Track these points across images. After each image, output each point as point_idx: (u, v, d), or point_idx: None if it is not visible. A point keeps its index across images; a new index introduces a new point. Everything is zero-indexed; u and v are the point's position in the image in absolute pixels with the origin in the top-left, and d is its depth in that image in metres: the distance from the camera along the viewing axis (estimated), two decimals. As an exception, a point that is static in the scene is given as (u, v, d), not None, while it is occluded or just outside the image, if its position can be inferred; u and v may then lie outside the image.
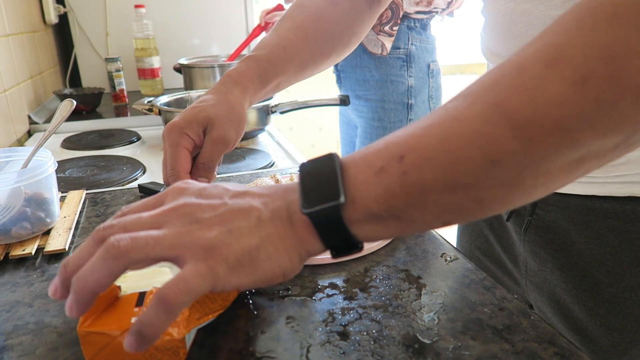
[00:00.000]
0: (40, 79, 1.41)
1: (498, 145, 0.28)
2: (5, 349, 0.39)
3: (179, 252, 0.31)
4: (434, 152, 0.29)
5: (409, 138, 0.31)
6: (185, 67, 1.47)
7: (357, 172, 0.32)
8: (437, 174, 0.29)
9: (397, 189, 0.30)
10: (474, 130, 0.28)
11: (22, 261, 0.53)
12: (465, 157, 0.28)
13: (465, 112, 0.29)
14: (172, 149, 0.51)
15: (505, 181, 0.29)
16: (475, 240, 0.73)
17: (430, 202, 0.30)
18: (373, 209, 0.31)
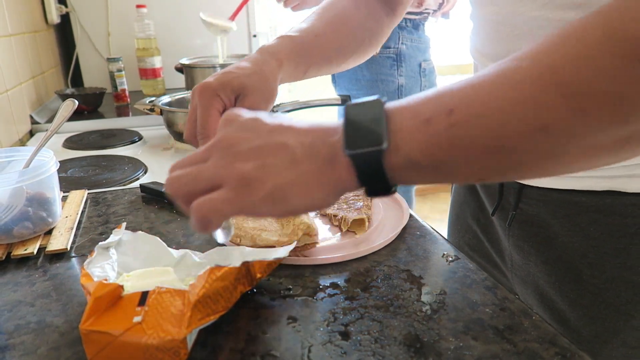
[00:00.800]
0: (42, 78, 1.42)
1: (549, 111, 0.28)
2: (7, 348, 0.39)
3: (217, 182, 0.34)
4: (484, 110, 0.29)
5: (461, 92, 0.31)
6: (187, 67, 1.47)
7: (402, 120, 0.32)
8: (484, 132, 0.29)
9: (443, 142, 0.30)
10: (527, 94, 0.28)
11: (24, 261, 0.53)
12: (514, 119, 0.29)
13: (521, 74, 0.29)
14: (204, 110, 0.51)
15: (549, 149, 0.29)
16: (464, 236, 0.74)
17: (472, 158, 0.30)
18: (414, 157, 0.31)
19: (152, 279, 0.42)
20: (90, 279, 0.40)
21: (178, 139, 1.09)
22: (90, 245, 0.56)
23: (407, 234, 0.57)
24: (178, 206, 0.38)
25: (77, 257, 0.54)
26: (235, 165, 0.34)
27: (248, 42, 1.81)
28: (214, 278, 0.39)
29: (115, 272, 0.44)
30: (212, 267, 0.39)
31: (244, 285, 0.43)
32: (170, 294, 0.38)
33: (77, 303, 0.45)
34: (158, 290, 0.38)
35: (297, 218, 0.53)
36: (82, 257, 0.54)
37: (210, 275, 0.39)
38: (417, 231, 0.58)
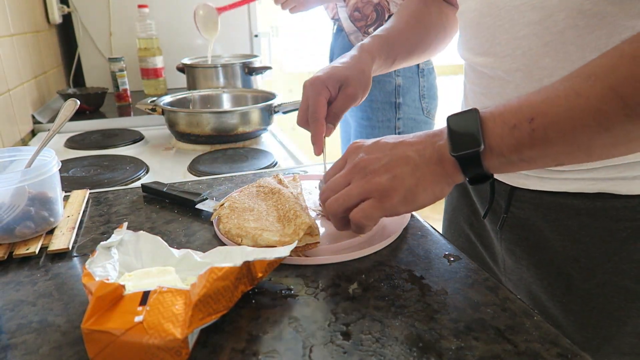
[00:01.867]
0: (44, 78, 1.42)
1: (611, 118, 0.37)
2: (9, 348, 0.39)
3: (364, 196, 0.46)
4: (558, 118, 0.38)
5: (540, 104, 0.40)
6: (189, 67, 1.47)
7: (494, 127, 0.42)
8: (558, 134, 0.39)
9: (527, 142, 0.40)
10: (593, 107, 0.37)
11: (26, 260, 0.53)
12: (583, 125, 0.38)
13: (587, 90, 0.37)
14: (315, 97, 0.61)
15: (612, 142, 0.38)
16: (457, 240, 0.74)
17: (550, 152, 0.40)
18: (505, 154, 0.41)
19: (154, 278, 0.42)
20: (92, 278, 0.40)
21: (179, 139, 1.09)
22: (91, 244, 0.56)
23: (408, 234, 0.57)
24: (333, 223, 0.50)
25: (78, 257, 0.54)
26: (375, 180, 0.46)
27: (250, 41, 1.82)
28: (215, 278, 0.39)
29: (117, 272, 0.44)
30: (213, 267, 0.39)
31: (245, 284, 0.43)
32: (172, 293, 0.38)
33: (79, 302, 0.45)
34: (159, 290, 0.38)
35: (298, 218, 0.53)
36: (84, 256, 0.54)
37: (211, 275, 0.39)
38: (419, 231, 0.58)
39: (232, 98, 1.26)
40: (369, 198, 0.46)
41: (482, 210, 0.66)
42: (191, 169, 0.91)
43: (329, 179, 0.51)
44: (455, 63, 2.80)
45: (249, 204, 0.60)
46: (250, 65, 1.47)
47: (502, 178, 0.59)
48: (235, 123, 1.05)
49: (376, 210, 0.45)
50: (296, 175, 0.70)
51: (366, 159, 0.47)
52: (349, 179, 0.48)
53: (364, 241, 0.55)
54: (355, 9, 1.16)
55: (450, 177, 0.44)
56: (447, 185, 0.45)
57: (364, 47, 0.67)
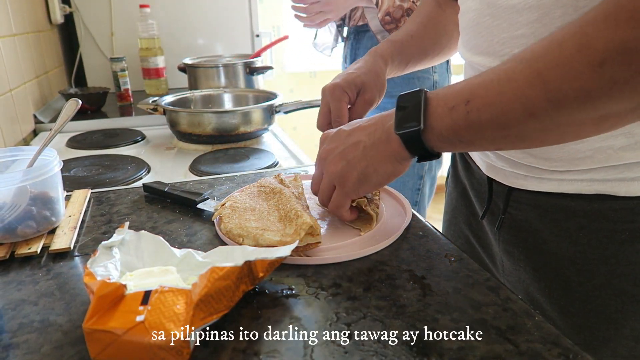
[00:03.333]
0: (45, 78, 1.42)
1: (535, 104, 0.38)
2: (11, 347, 0.39)
3: (331, 186, 0.54)
4: (491, 100, 0.40)
5: (477, 87, 0.42)
6: (190, 67, 1.47)
7: (436, 106, 0.44)
8: (491, 116, 0.41)
9: (462, 123, 0.42)
10: (520, 91, 0.39)
11: (28, 260, 0.53)
12: (511, 109, 0.39)
13: (517, 74, 0.39)
14: (336, 103, 0.65)
15: (540, 128, 0.40)
16: (456, 241, 0.74)
17: (486, 135, 0.42)
18: (444, 134, 0.44)
19: (155, 278, 0.42)
20: (94, 278, 0.40)
21: (181, 139, 1.10)
22: (93, 244, 0.57)
23: (409, 234, 0.57)
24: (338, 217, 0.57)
25: (80, 256, 0.54)
26: (332, 169, 0.52)
27: (251, 41, 1.82)
28: (216, 277, 0.39)
29: (118, 271, 0.44)
30: (214, 267, 0.39)
31: (246, 284, 0.43)
32: (173, 293, 0.38)
33: (80, 302, 0.45)
34: (161, 290, 0.38)
35: (299, 218, 0.53)
36: (86, 256, 0.54)
37: (212, 275, 0.39)
38: (420, 231, 0.58)
39: (234, 98, 1.26)
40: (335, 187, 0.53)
41: (481, 211, 0.65)
42: (192, 169, 0.91)
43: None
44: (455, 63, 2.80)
45: (250, 204, 0.60)
46: (251, 65, 1.47)
47: (500, 179, 0.59)
48: (236, 123, 1.05)
49: (340, 196, 0.52)
50: (297, 175, 0.70)
51: (327, 150, 0.53)
52: (320, 171, 0.55)
53: (365, 241, 0.55)
54: (386, 13, 1.18)
55: (398, 154, 0.48)
56: (398, 163, 0.49)
57: (378, 52, 0.69)
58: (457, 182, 0.74)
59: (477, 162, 0.65)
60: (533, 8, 0.46)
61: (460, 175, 0.72)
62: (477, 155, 0.64)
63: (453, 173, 0.76)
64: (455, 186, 0.74)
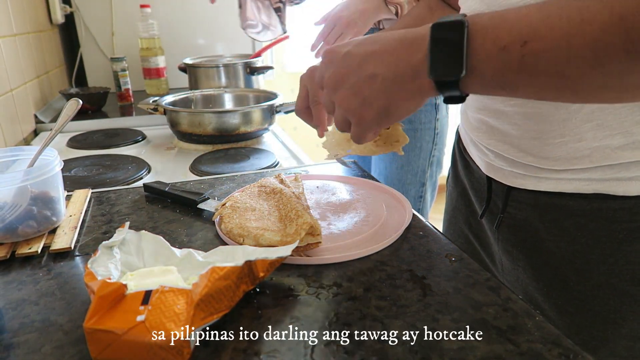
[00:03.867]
0: (46, 78, 1.42)
1: (610, 53, 0.32)
2: (12, 347, 0.39)
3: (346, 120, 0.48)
4: (554, 45, 0.34)
5: (538, 24, 0.35)
6: (190, 67, 1.48)
7: (483, 44, 0.37)
8: (549, 63, 0.35)
9: (514, 67, 0.36)
10: (594, 36, 0.32)
11: (29, 259, 0.53)
12: (578, 56, 0.33)
13: (594, 16, 0.33)
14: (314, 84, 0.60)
15: (603, 82, 0.34)
16: (456, 241, 0.74)
17: (536, 82, 0.36)
18: (487, 77, 0.37)
19: (155, 278, 0.42)
20: (94, 277, 0.40)
21: (181, 139, 1.10)
22: (94, 244, 0.57)
23: (410, 234, 0.57)
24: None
25: (81, 256, 0.54)
26: (347, 106, 0.46)
27: (251, 41, 1.82)
28: (217, 277, 0.39)
29: (119, 271, 0.44)
30: (215, 266, 0.39)
31: (247, 284, 0.43)
32: (174, 293, 0.38)
33: (81, 302, 0.45)
34: (161, 290, 0.38)
35: (300, 218, 0.53)
36: (86, 256, 0.54)
37: (213, 275, 0.39)
38: (420, 231, 0.58)
39: (234, 98, 1.27)
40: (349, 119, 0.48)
41: (480, 210, 0.66)
42: (193, 169, 0.91)
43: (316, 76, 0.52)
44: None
45: (251, 204, 0.60)
46: (252, 65, 1.47)
47: (499, 178, 0.59)
48: (237, 123, 1.05)
49: (360, 131, 0.47)
50: (298, 175, 0.70)
51: (335, 77, 0.46)
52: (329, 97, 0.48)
53: (365, 241, 0.55)
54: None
55: (425, 92, 0.42)
56: (422, 99, 0.44)
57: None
58: (457, 182, 0.74)
59: (476, 161, 0.65)
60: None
61: (460, 175, 0.72)
62: (477, 155, 0.64)
63: (453, 173, 0.76)
64: (455, 186, 0.74)
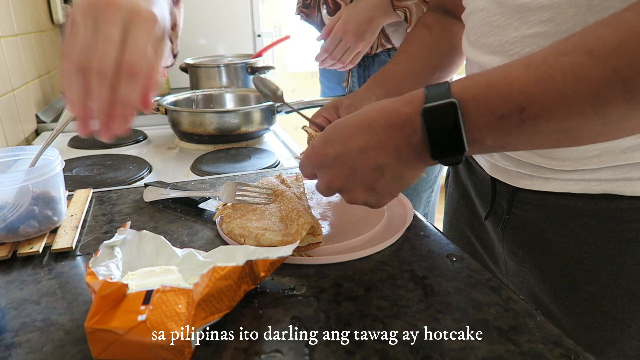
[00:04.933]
0: (48, 78, 1.42)
1: (610, 105, 0.33)
2: (13, 346, 0.39)
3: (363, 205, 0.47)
4: (553, 107, 0.35)
5: (533, 88, 0.35)
6: (192, 67, 1.48)
7: (479, 117, 0.38)
8: (550, 122, 0.36)
9: (513, 132, 0.37)
10: (593, 92, 0.33)
11: (30, 259, 0.53)
12: (578, 112, 0.34)
13: (589, 72, 0.33)
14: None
15: (603, 130, 0.35)
16: (457, 242, 0.74)
17: (536, 139, 0.37)
18: (487, 143, 0.39)
19: (157, 277, 0.43)
20: (95, 277, 0.40)
21: (182, 138, 1.10)
22: (95, 244, 0.57)
23: (411, 234, 0.57)
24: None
25: (82, 256, 0.54)
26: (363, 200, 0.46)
27: (252, 41, 1.82)
28: (217, 277, 0.39)
29: (120, 271, 0.44)
30: (216, 266, 0.39)
31: (248, 284, 0.43)
32: (175, 292, 0.38)
33: (82, 301, 0.45)
34: (162, 289, 0.38)
35: (301, 218, 0.53)
36: (87, 255, 0.54)
37: (214, 274, 0.39)
38: (421, 231, 0.58)
39: (235, 98, 1.27)
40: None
41: (483, 212, 0.65)
42: (194, 169, 0.91)
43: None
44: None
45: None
46: (253, 65, 1.47)
47: (505, 179, 0.59)
48: (238, 123, 1.05)
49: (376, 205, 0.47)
50: (299, 175, 0.70)
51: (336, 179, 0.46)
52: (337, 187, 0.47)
53: (366, 241, 0.55)
54: None
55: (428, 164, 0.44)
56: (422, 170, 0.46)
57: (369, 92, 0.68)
58: (458, 183, 0.73)
59: (480, 162, 0.65)
60: (545, 7, 0.46)
61: (461, 176, 0.72)
62: (481, 156, 0.64)
63: (454, 174, 0.75)
64: (456, 187, 0.74)
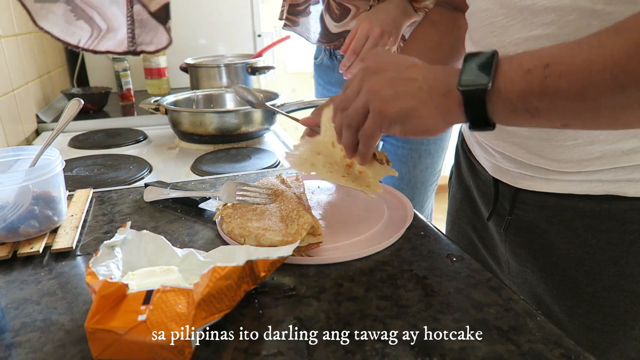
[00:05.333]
0: (48, 78, 1.42)
1: (630, 75, 0.34)
2: (14, 346, 0.39)
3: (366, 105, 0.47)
4: (575, 67, 0.36)
5: (560, 52, 0.38)
6: (192, 67, 1.48)
7: (509, 69, 0.40)
8: (571, 85, 0.36)
9: (537, 89, 0.38)
10: (614, 59, 0.35)
11: (30, 259, 0.53)
12: (599, 78, 0.35)
13: (612, 42, 0.35)
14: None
15: (622, 104, 0.36)
16: (459, 243, 0.74)
17: (559, 105, 0.38)
18: (512, 100, 0.39)
19: (157, 277, 0.43)
20: (96, 277, 0.40)
21: (183, 138, 1.10)
22: (95, 243, 0.57)
23: (411, 234, 0.57)
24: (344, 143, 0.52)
25: (82, 256, 0.54)
26: (379, 90, 0.46)
27: (253, 41, 1.82)
28: (218, 277, 0.39)
29: (120, 271, 0.44)
30: (216, 266, 0.39)
31: (248, 284, 0.43)
32: (175, 292, 0.38)
33: (83, 301, 0.45)
34: (162, 289, 0.38)
35: (301, 218, 0.53)
36: (88, 255, 0.54)
37: (214, 274, 0.39)
38: (422, 231, 0.58)
39: (235, 98, 1.27)
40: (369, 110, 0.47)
41: (486, 212, 0.65)
42: (194, 169, 0.91)
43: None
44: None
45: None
46: (253, 65, 1.47)
47: (506, 179, 0.59)
48: (238, 123, 1.05)
49: (374, 123, 0.47)
50: (299, 175, 0.70)
51: (377, 66, 0.47)
52: (359, 86, 0.48)
53: (366, 241, 0.55)
54: None
55: (451, 113, 0.43)
56: (444, 122, 0.45)
57: None
58: (461, 184, 0.73)
59: (482, 163, 0.64)
60: (549, 9, 0.46)
61: (464, 177, 0.72)
62: (483, 156, 0.64)
63: (457, 174, 0.75)
64: (459, 187, 0.74)
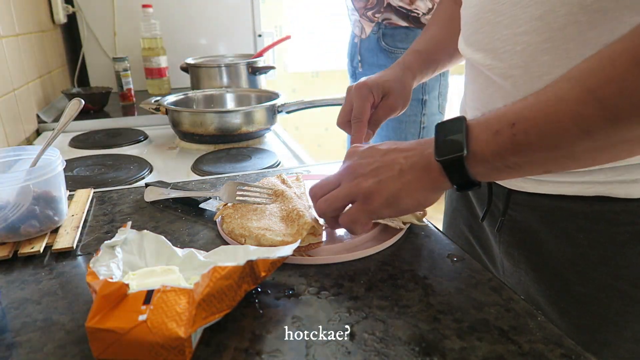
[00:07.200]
0: (48, 78, 1.42)
1: (590, 121, 0.36)
2: (14, 346, 0.39)
3: (350, 199, 0.48)
4: (539, 122, 0.39)
5: (521, 110, 0.40)
6: (192, 67, 1.48)
7: (479, 133, 0.42)
8: (539, 138, 0.39)
9: (509, 146, 0.40)
10: (572, 110, 0.37)
11: (31, 259, 0.54)
12: (563, 129, 0.37)
13: (567, 93, 0.38)
14: (360, 101, 0.64)
15: (593, 147, 0.38)
16: (456, 243, 0.74)
17: (535, 157, 0.40)
18: (489, 160, 0.42)
19: (157, 277, 0.43)
20: (96, 277, 0.40)
21: (183, 138, 1.10)
22: (96, 243, 0.57)
23: (411, 234, 0.57)
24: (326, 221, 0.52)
25: (83, 256, 0.54)
26: (361, 184, 0.47)
27: (253, 41, 1.82)
28: (218, 277, 0.39)
29: (121, 271, 0.44)
30: (216, 266, 0.39)
31: (249, 284, 0.43)
32: (175, 292, 0.38)
33: (83, 301, 0.45)
34: (163, 289, 0.38)
35: (301, 218, 0.53)
36: (88, 255, 0.54)
37: (214, 274, 0.39)
38: (422, 231, 0.58)
39: (236, 98, 1.27)
40: (354, 201, 0.47)
41: (481, 212, 0.65)
42: (195, 169, 0.91)
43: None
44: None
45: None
46: (254, 65, 1.47)
47: (500, 181, 0.59)
48: (238, 123, 1.05)
49: (361, 213, 0.47)
50: (299, 175, 0.70)
51: (357, 164, 0.49)
52: (339, 181, 0.50)
53: (367, 241, 0.55)
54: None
55: (436, 183, 0.45)
56: (433, 193, 0.46)
57: (405, 64, 0.70)
58: None
59: None
60: (537, 4, 0.45)
61: None
62: None
63: None
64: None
